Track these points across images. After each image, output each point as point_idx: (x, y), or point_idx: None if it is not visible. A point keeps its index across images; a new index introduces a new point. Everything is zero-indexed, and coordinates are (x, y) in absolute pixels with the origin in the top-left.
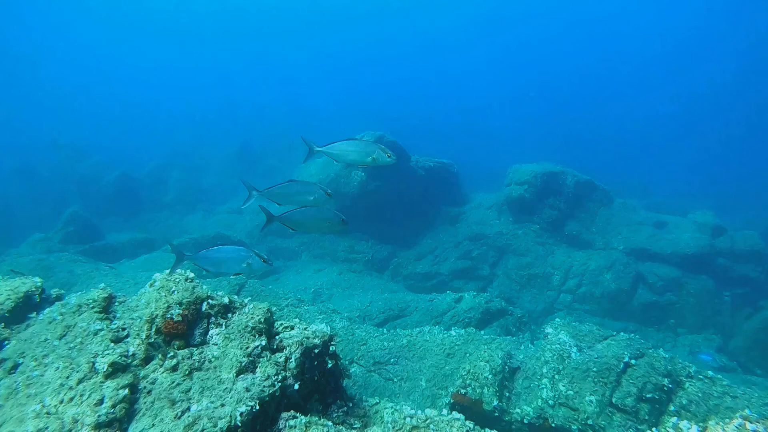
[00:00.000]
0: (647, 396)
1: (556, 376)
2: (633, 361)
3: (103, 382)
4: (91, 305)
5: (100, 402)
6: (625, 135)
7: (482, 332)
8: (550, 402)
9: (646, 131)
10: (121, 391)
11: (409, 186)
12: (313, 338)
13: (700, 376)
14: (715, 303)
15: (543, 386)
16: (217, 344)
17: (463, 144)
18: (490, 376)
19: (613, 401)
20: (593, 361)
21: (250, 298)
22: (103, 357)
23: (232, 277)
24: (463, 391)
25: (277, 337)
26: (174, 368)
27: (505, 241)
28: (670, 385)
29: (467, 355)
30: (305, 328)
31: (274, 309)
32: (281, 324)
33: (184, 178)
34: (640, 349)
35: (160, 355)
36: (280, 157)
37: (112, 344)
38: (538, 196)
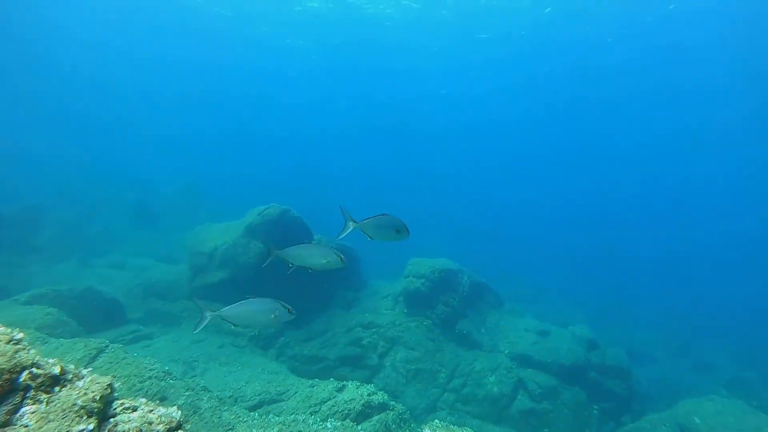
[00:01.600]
0: None
1: None
2: None
3: None
4: None
5: None
6: (519, 242)
7: (359, 426)
8: None
9: (538, 244)
10: None
11: None
12: (157, 424)
13: None
14: (585, 415)
15: None
16: (27, 426)
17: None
18: None
19: None
20: None
21: (90, 369)
22: None
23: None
24: None
25: (112, 419)
26: None
27: (397, 332)
28: None
29: None
30: (150, 411)
31: (135, 381)
32: (122, 404)
33: (63, 222)
34: None
35: None
36: (179, 218)
37: None
38: (434, 292)
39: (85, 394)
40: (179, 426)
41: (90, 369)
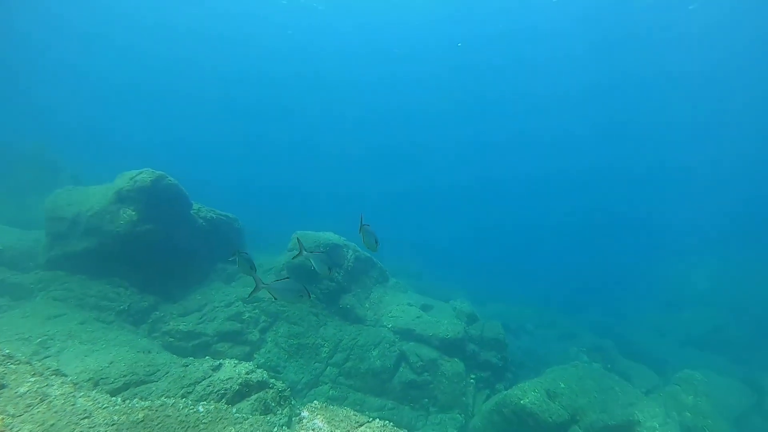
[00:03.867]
0: None
1: None
2: None
3: None
4: None
5: None
6: (407, 216)
7: (234, 409)
8: None
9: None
10: None
11: (187, 235)
12: None
13: None
14: (462, 385)
15: None
16: None
17: (251, 202)
18: None
19: None
20: None
21: None
22: None
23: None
24: None
25: None
26: None
27: (280, 306)
28: None
29: None
30: None
31: None
32: None
33: None
34: None
35: None
36: (36, 178)
37: None
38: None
39: None
40: None
41: None
